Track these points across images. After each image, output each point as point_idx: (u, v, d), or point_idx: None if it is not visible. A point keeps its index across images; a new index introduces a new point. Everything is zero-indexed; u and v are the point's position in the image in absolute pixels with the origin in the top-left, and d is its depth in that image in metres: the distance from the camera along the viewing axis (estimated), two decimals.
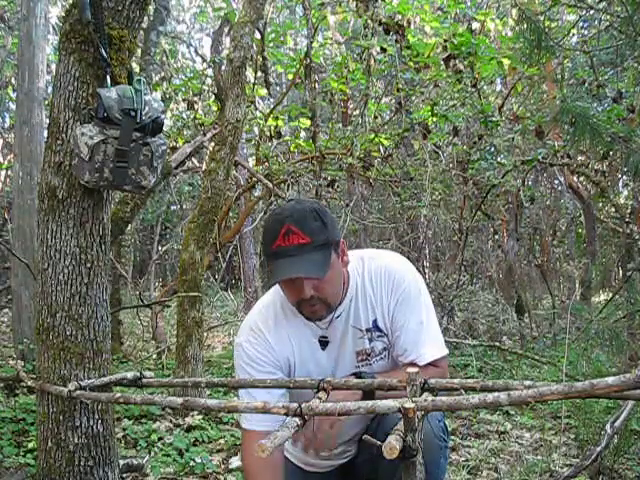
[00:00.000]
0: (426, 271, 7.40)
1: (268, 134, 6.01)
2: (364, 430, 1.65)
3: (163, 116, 1.84)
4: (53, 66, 6.87)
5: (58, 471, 1.86)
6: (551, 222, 9.67)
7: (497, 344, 5.19)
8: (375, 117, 5.88)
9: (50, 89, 5.06)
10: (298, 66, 5.49)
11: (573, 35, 7.23)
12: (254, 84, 5.87)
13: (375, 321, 1.59)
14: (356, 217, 7.09)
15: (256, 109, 6.27)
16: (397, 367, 1.61)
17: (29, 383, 1.93)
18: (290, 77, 6.61)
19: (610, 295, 6.34)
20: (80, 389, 1.66)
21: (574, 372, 3.58)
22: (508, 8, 6.65)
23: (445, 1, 5.91)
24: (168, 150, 4.09)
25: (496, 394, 1.01)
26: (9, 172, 8.53)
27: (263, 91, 6.29)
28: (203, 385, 1.55)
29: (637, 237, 5.40)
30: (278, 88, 10.50)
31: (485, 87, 6.88)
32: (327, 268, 1.45)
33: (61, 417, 1.83)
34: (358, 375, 1.53)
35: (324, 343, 1.61)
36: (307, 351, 1.63)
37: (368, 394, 1.45)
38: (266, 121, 5.79)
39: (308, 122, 5.69)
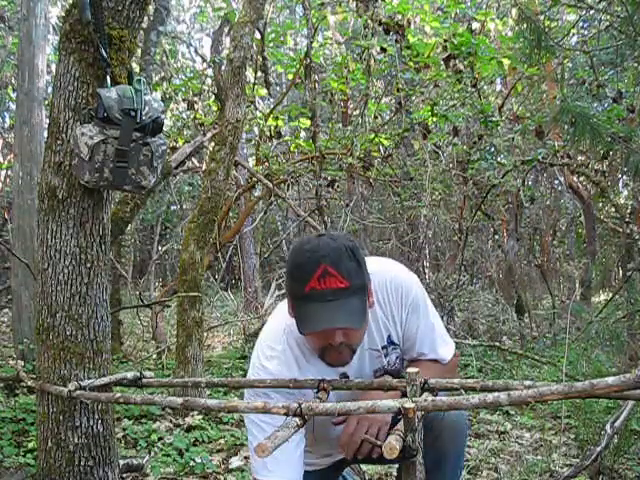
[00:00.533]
0: (426, 271, 7.41)
1: (268, 134, 6.01)
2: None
3: (163, 116, 1.84)
4: (53, 66, 6.87)
5: (58, 471, 1.86)
6: (551, 222, 9.67)
7: (497, 344, 5.18)
8: (375, 117, 5.88)
9: (50, 89, 5.06)
10: (298, 66, 5.49)
11: (573, 35, 7.23)
12: (254, 84, 5.88)
13: (389, 337, 1.57)
14: (356, 217, 7.10)
15: (256, 109, 6.27)
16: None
17: (29, 383, 1.93)
18: (290, 77, 6.62)
19: (610, 295, 6.34)
20: (80, 389, 1.65)
21: (574, 372, 3.58)
22: (508, 8, 6.65)
23: (445, 1, 5.91)
24: (168, 150, 4.09)
25: (496, 394, 1.01)
26: (9, 172, 8.53)
27: (263, 91, 6.29)
28: (203, 385, 1.55)
29: (637, 237, 5.40)
30: (278, 88, 10.50)
31: (485, 87, 6.88)
32: (365, 315, 1.36)
33: (61, 417, 1.83)
34: (388, 372, 1.56)
35: (345, 376, 1.54)
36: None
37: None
38: (266, 121, 5.79)
39: (308, 122, 5.69)
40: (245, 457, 2.90)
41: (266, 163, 5.76)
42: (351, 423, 1.46)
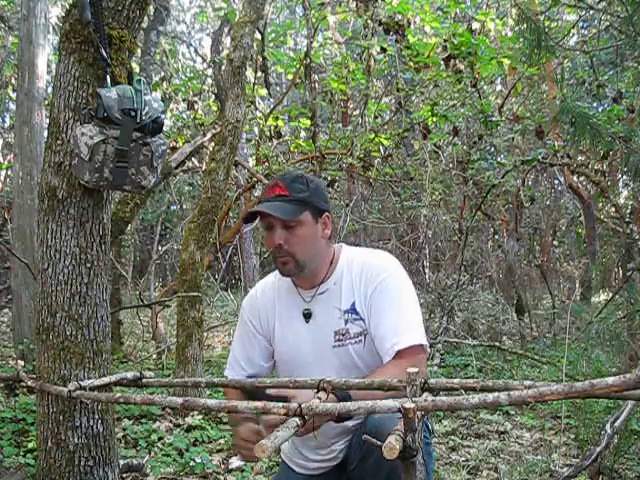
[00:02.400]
0: (426, 271, 7.41)
1: (268, 134, 6.01)
2: (349, 435, 1.68)
3: (163, 116, 1.84)
4: (53, 66, 6.87)
5: (58, 471, 1.86)
6: (551, 222, 9.67)
7: (497, 344, 5.19)
8: (375, 117, 5.88)
9: (50, 89, 5.06)
10: (298, 66, 5.50)
11: (573, 35, 7.24)
12: (254, 84, 5.88)
13: (353, 304, 1.67)
14: (356, 217, 7.10)
15: (256, 109, 6.27)
16: (374, 370, 1.59)
17: (29, 383, 1.93)
18: (290, 77, 6.62)
19: (610, 295, 6.34)
20: (80, 389, 1.65)
21: (574, 372, 3.58)
22: (508, 8, 6.65)
23: (445, 1, 5.91)
24: (168, 150, 4.09)
25: (496, 394, 1.01)
26: (9, 172, 8.53)
27: (263, 91, 6.29)
28: (203, 385, 1.54)
29: (637, 237, 5.40)
30: (278, 88, 10.50)
31: (485, 87, 6.89)
32: (293, 215, 1.60)
33: (61, 417, 1.83)
34: (337, 395, 1.47)
35: (307, 315, 1.72)
36: (288, 321, 1.74)
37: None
38: (266, 121, 5.79)
39: (308, 122, 5.69)
40: None
41: (266, 163, 5.75)
42: None
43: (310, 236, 1.65)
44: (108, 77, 1.78)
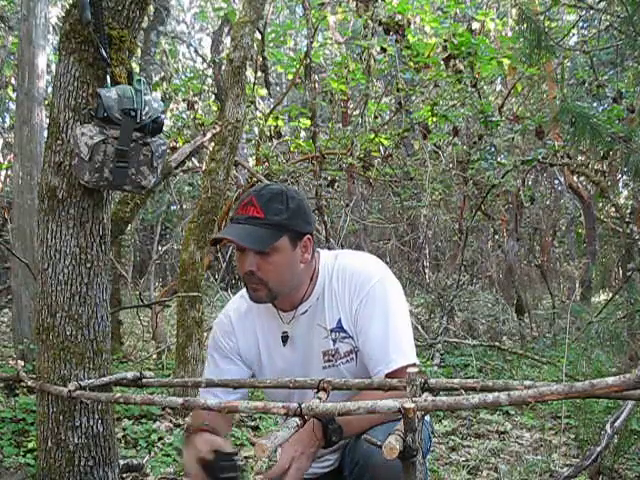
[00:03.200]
0: (426, 271, 7.41)
1: (268, 134, 6.01)
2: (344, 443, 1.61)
3: (163, 116, 1.84)
4: (53, 66, 6.87)
5: (58, 471, 1.86)
6: (551, 222, 9.67)
7: (497, 344, 5.19)
8: (375, 117, 5.88)
9: (50, 89, 5.06)
10: (298, 66, 5.49)
11: (573, 35, 7.24)
12: (254, 84, 5.88)
13: (339, 321, 1.56)
14: (356, 217, 7.09)
15: (256, 109, 6.27)
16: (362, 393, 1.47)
17: (29, 383, 1.93)
18: (290, 77, 6.61)
19: (610, 295, 6.34)
20: (80, 389, 1.65)
21: (574, 372, 3.58)
22: (508, 8, 6.65)
23: (445, 1, 5.91)
24: (168, 150, 4.09)
25: (496, 394, 1.01)
26: (9, 172, 8.53)
27: (263, 91, 6.29)
28: (203, 385, 1.54)
29: (637, 237, 5.40)
30: (278, 88, 10.50)
31: (485, 87, 6.89)
32: (266, 245, 1.44)
33: (61, 417, 1.83)
34: (324, 426, 1.46)
35: (284, 339, 1.60)
36: (273, 345, 1.63)
37: (330, 440, 1.45)
38: (266, 121, 5.79)
39: (308, 122, 5.69)
40: (245, 457, 2.90)
41: (266, 163, 5.75)
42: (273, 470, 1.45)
43: (286, 263, 1.48)
44: (108, 77, 1.78)
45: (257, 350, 1.65)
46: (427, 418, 1.66)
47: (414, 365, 1.49)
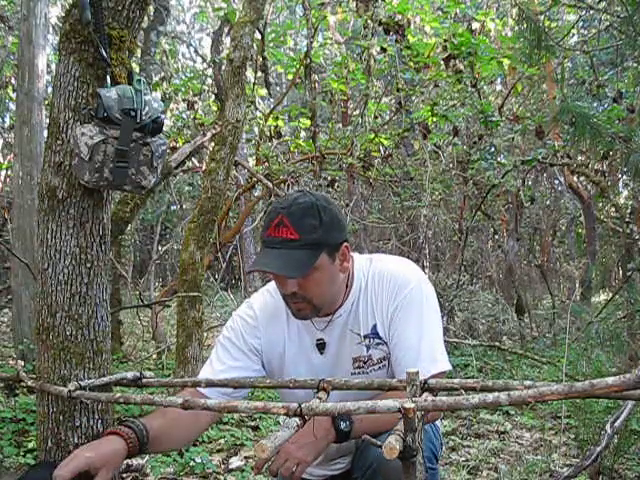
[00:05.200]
0: (426, 271, 7.40)
1: (268, 134, 6.01)
2: (354, 448, 1.59)
3: (163, 116, 1.84)
4: (53, 66, 6.87)
5: None
6: (551, 222, 9.67)
7: (497, 344, 5.19)
8: (375, 117, 5.88)
9: (50, 89, 5.06)
10: (298, 66, 5.49)
11: (573, 35, 7.24)
12: (254, 84, 5.87)
13: (375, 327, 1.52)
14: (356, 217, 7.09)
15: (256, 109, 6.27)
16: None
17: (29, 383, 1.93)
18: (290, 77, 6.61)
19: (610, 295, 6.34)
20: (80, 389, 1.65)
21: (574, 372, 3.58)
22: (508, 8, 6.65)
23: (445, 1, 5.91)
24: (168, 150, 4.09)
25: (496, 394, 1.01)
26: (9, 172, 8.53)
27: (263, 91, 6.29)
28: (203, 385, 1.54)
29: (637, 237, 5.40)
30: (278, 88, 10.50)
31: (485, 87, 6.88)
32: (306, 269, 1.38)
33: (61, 417, 1.83)
34: (336, 425, 1.43)
35: (321, 346, 1.55)
36: (300, 351, 1.59)
37: (341, 437, 1.42)
38: (266, 121, 5.79)
39: (308, 122, 5.69)
40: (245, 457, 2.90)
41: (266, 163, 5.75)
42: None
43: (328, 278, 1.43)
44: (108, 77, 1.78)
45: (282, 352, 1.59)
46: (437, 423, 1.64)
47: (444, 372, 1.46)
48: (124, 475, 2.47)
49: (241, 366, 1.59)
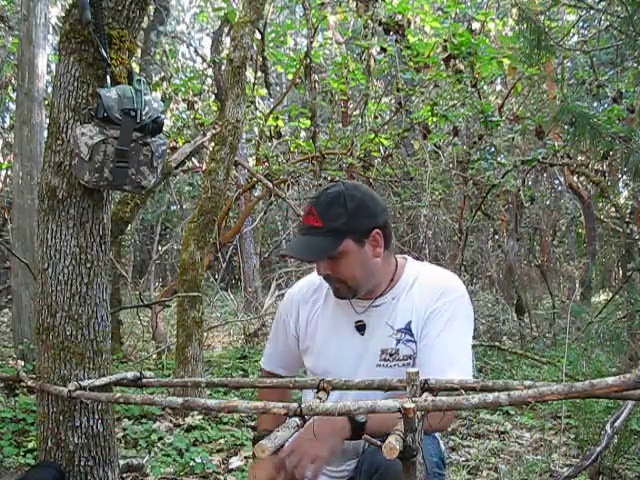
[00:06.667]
0: None
1: (268, 134, 6.01)
2: (360, 451, 1.58)
3: (163, 116, 1.84)
4: (53, 66, 6.87)
5: None
6: (551, 222, 9.67)
7: (497, 344, 5.19)
8: (375, 117, 5.88)
9: (50, 89, 5.06)
10: (298, 66, 5.50)
11: (573, 35, 7.24)
12: (254, 84, 5.88)
13: (409, 323, 1.55)
14: None
15: (256, 109, 6.28)
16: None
17: (29, 383, 1.93)
18: (290, 77, 6.62)
19: (610, 295, 6.34)
20: (80, 389, 1.65)
21: (574, 372, 3.58)
22: (508, 8, 6.65)
23: (445, 1, 5.91)
24: (168, 150, 4.09)
25: (496, 394, 1.01)
26: (9, 172, 8.53)
27: (263, 91, 6.29)
28: (203, 385, 1.54)
29: (637, 237, 5.40)
30: (278, 88, 10.50)
31: (485, 87, 6.88)
32: (325, 254, 1.47)
33: (61, 417, 1.83)
34: (350, 419, 1.42)
35: (361, 328, 1.59)
36: (334, 330, 1.62)
37: (356, 431, 1.41)
38: (266, 121, 5.79)
39: (308, 122, 5.69)
40: (245, 457, 2.90)
41: (266, 163, 5.76)
42: (287, 448, 1.40)
43: (357, 262, 1.50)
44: (108, 77, 1.78)
45: (312, 328, 1.66)
46: (437, 435, 1.64)
47: None
48: (124, 475, 2.47)
49: (283, 346, 1.75)
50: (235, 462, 2.83)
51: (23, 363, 3.55)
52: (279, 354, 1.78)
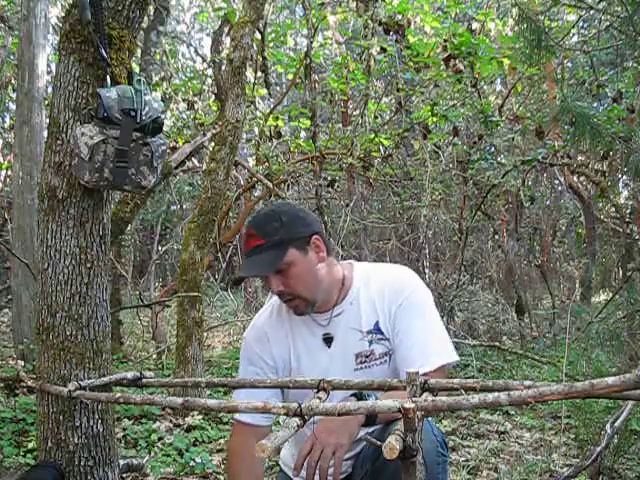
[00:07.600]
0: (426, 271, 7.40)
1: (268, 134, 6.01)
2: (357, 451, 1.61)
3: (163, 116, 1.84)
4: (53, 66, 6.87)
5: None
6: (551, 222, 9.66)
7: (497, 344, 5.18)
8: (375, 117, 5.88)
9: (50, 89, 5.06)
10: (298, 66, 5.49)
11: (573, 35, 7.23)
12: (254, 84, 5.88)
13: (377, 323, 1.59)
14: (356, 217, 7.09)
15: (256, 109, 6.28)
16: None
17: (29, 383, 1.93)
18: (290, 77, 6.61)
19: (610, 295, 6.34)
20: (80, 389, 1.65)
21: (574, 372, 3.58)
22: (508, 8, 6.65)
23: (445, 1, 5.91)
24: (168, 150, 4.08)
25: (496, 394, 1.01)
26: (9, 172, 8.53)
27: (263, 91, 6.29)
28: (203, 385, 1.54)
29: (637, 237, 5.40)
30: (278, 88, 10.50)
31: (485, 87, 6.88)
32: (274, 266, 1.51)
33: (61, 417, 1.83)
34: (358, 396, 1.44)
35: (328, 340, 1.62)
36: (307, 352, 1.64)
37: (370, 415, 1.42)
38: (266, 121, 5.79)
39: (308, 122, 5.69)
40: None
41: (266, 163, 5.75)
42: (307, 446, 1.40)
43: (306, 270, 1.55)
44: (108, 77, 1.78)
45: (288, 358, 1.67)
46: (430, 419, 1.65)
47: (452, 364, 1.55)
48: (124, 475, 2.47)
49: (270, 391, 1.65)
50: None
51: (23, 363, 3.56)
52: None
